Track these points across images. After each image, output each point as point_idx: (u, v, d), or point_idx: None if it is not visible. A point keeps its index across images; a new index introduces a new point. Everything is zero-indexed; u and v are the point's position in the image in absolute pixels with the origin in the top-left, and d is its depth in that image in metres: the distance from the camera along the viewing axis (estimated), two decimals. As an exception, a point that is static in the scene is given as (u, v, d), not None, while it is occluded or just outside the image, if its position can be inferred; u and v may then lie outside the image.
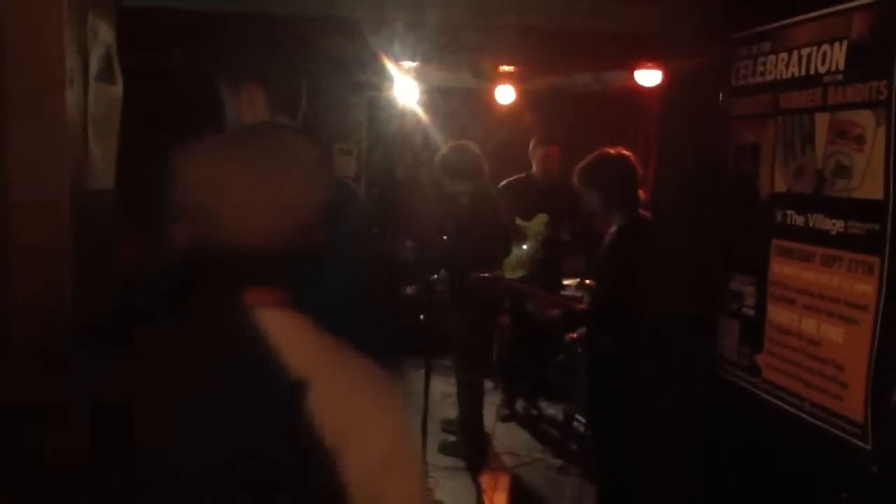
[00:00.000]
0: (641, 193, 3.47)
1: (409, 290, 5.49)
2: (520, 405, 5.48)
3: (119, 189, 2.38)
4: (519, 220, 5.16)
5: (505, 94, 5.38)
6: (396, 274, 5.27)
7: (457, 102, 5.61)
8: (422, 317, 4.65)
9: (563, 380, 5.18)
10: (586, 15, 4.52)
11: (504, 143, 5.50)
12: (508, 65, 5.19)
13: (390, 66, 5.05)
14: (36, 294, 1.90)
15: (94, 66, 2.31)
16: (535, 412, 5.44)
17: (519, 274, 5.09)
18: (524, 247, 5.15)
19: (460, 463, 4.63)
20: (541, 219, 5.17)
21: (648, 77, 4.59)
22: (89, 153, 2.25)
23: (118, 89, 2.58)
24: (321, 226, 1.18)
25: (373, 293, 2.19)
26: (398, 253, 5.07)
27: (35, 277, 1.93)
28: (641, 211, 3.42)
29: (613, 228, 3.44)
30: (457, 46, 4.73)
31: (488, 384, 5.76)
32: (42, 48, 1.98)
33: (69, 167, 2.03)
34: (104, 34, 2.45)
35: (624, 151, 3.51)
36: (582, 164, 3.51)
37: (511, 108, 5.54)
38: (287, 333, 1.11)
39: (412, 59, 5.07)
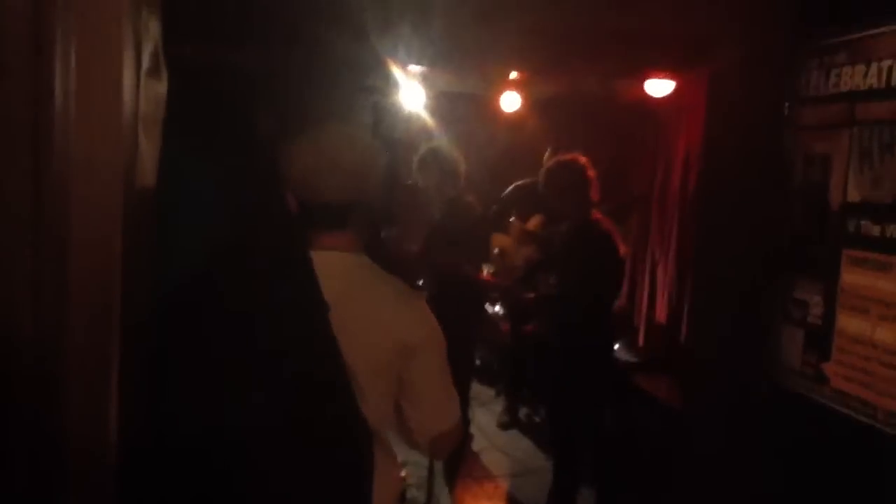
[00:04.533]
0: (593, 195, 3.70)
1: (413, 294, 5.44)
2: (522, 413, 5.45)
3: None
4: (517, 221, 5.15)
5: (511, 101, 5.36)
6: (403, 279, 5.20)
7: (463, 108, 5.56)
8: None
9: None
10: (597, 21, 4.52)
11: (510, 148, 5.49)
12: (516, 70, 5.17)
13: (396, 70, 4.98)
14: (90, 286, 1.82)
15: (145, 61, 2.24)
16: (537, 419, 5.41)
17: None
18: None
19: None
20: (536, 219, 5.16)
21: (659, 87, 4.61)
22: (139, 150, 2.19)
23: (164, 85, 2.51)
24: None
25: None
26: (398, 253, 5.00)
27: (90, 274, 1.86)
28: (594, 212, 3.69)
29: (567, 226, 3.80)
30: (464, 51, 4.69)
31: (489, 391, 5.73)
32: (103, 42, 1.92)
33: (123, 163, 1.97)
34: (153, 29, 2.38)
35: (577, 158, 3.78)
36: (542, 170, 3.85)
37: (518, 115, 5.53)
38: (334, 270, 1.54)
39: (418, 63, 5.01)
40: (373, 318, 1.60)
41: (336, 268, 1.60)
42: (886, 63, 2.15)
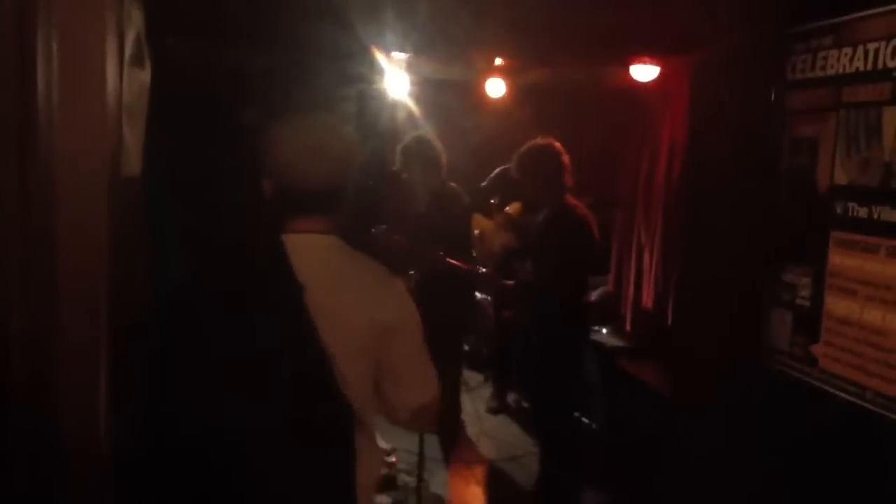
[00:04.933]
0: (567, 179, 3.74)
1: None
2: (511, 398, 5.47)
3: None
4: (497, 205, 5.15)
5: (495, 88, 5.34)
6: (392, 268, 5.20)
7: (448, 95, 5.55)
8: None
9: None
10: (581, 7, 4.50)
11: (495, 135, 5.47)
12: (501, 57, 5.15)
13: (380, 57, 4.95)
14: (77, 275, 1.82)
15: (128, 50, 2.22)
16: (525, 405, 5.43)
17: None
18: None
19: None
20: (516, 205, 5.16)
21: (644, 72, 4.61)
22: (123, 139, 2.17)
23: (147, 74, 2.49)
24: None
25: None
26: (387, 245, 5.00)
27: (77, 263, 1.85)
28: (569, 196, 3.71)
29: (543, 213, 3.79)
30: (448, 38, 4.66)
31: (478, 377, 5.75)
32: (87, 33, 1.90)
33: (108, 153, 1.96)
34: (136, 18, 2.36)
35: (551, 143, 3.79)
36: (516, 155, 3.84)
37: (503, 101, 5.51)
38: (308, 252, 1.61)
39: (403, 51, 4.98)
40: (348, 298, 1.63)
41: (310, 250, 1.64)
42: (873, 46, 2.16)
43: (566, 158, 3.73)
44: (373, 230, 4.79)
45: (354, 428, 1.62)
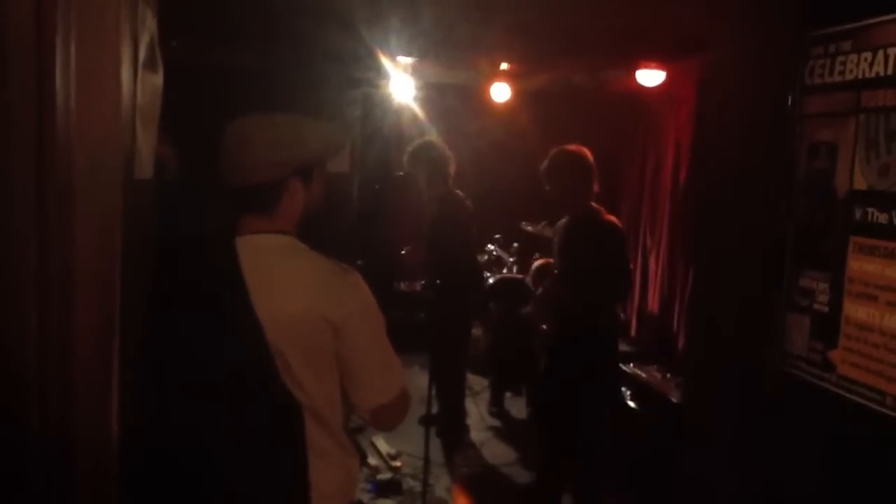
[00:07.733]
0: (595, 187, 3.63)
1: (403, 286, 5.45)
2: (509, 399, 5.46)
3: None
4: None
5: (501, 92, 5.34)
6: (390, 269, 5.22)
7: (453, 99, 5.55)
8: (423, 315, 4.58)
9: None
10: (586, 11, 4.50)
11: (500, 140, 5.48)
12: (506, 62, 5.15)
13: (386, 61, 4.96)
14: (93, 279, 1.82)
15: (142, 54, 2.22)
16: (528, 409, 5.41)
17: None
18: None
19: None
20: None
21: (650, 77, 4.62)
22: (136, 142, 2.17)
23: (160, 78, 2.48)
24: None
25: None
26: (413, 263, 4.99)
27: (92, 264, 1.85)
28: (593, 203, 3.59)
29: (565, 219, 3.68)
30: (453, 42, 4.66)
31: (482, 381, 5.74)
32: (102, 36, 1.89)
33: (122, 154, 1.95)
34: (150, 22, 2.36)
35: (581, 149, 3.69)
36: (545, 161, 3.72)
37: (508, 106, 5.51)
38: (259, 252, 1.64)
39: (408, 55, 4.99)
40: (296, 297, 1.61)
41: (261, 250, 1.64)
42: (893, 51, 2.15)
43: (593, 165, 3.60)
44: (404, 251, 4.79)
45: (307, 428, 1.61)
